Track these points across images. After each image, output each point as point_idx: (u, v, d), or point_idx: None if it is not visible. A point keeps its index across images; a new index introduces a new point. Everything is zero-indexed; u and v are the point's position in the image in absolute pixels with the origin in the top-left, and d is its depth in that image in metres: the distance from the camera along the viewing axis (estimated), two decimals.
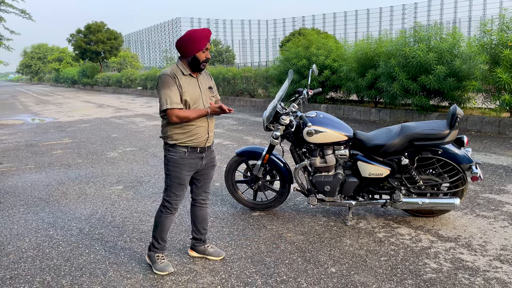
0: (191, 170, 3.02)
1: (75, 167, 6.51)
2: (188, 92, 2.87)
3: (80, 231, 3.93)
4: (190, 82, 2.91)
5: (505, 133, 7.58)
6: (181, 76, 2.87)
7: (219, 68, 20.26)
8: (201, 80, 3.00)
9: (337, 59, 11.39)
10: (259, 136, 8.62)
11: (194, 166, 3.02)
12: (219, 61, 60.99)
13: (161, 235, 3.11)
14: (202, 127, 2.96)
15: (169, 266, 3.08)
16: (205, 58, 2.90)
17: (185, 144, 2.94)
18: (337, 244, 3.42)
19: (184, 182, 3.02)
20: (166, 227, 3.10)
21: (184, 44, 2.85)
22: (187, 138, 2.93)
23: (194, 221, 3.28)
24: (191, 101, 2.88)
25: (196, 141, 2.96)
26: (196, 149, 2.99)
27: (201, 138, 2.98)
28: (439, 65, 8.15)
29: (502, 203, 4.16)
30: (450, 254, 3.17)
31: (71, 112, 15.86)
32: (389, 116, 9.91)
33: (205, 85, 3.02)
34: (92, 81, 37.40)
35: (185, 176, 3.00)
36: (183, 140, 2.93)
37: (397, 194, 3.65)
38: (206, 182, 3.22)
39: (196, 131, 2.94)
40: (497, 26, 7.83)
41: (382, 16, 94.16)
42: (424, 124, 3.63)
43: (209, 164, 3.15)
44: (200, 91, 2.95)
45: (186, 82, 2.88)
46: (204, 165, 3.10)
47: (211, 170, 3.21)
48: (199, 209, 3.25)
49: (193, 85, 2.91)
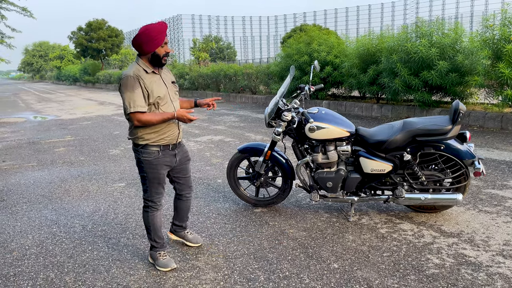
0: (167, 168, 3.02)
1: (78, 165, 6.53)
2: (157, 91, 2.82)
3: (83, 228, 3.94)
4: (155, 79, 2.86)
5: (508, 128, 7.55)
6: (145, 75, 2.81)
7: (220, 65, 20.22)
8: (164, 75, 2.97)
9: (338, 55, 11.35)
10: (261, 133, 8.62)
11: (169, 164, 3.01)
12: (221, 58, 60.91)
13: (156, 234, 3.11)
14: (173, 124, 2.94)
15: (171, 262, 3.09)
16: (165, 53, 2.85)
17: (157, 143, 2.89)
18: (339, 240, 3.42)
19: (163, 181, 3.02)
20: (157, 225, 3.09)
21: (142, 41, 2.75)
22: (158, 137, 2.89)
23: (177, 211, 3.37)
24: (163, 98, 2.85)
25: (168, 139, 2.93)
26: (168, 146, 2.96)
27: (173, 135, 2.96)
28: (441, 61, 8.12)
29: (504, 199, 4.15)
30: (452, 249, 3.17)
31: (73, 110, 15.88)
32: (391, 112, 9.88)
33: (168, 80, 2.99)
34: (93, 79, 37.42)
35: (163, 175, 3.00)
36: (154, 139, 2.88)
37: (399, 190, 3.65)
38: (187, 177, 3.24)
39: (168, 129, 2.91)
40: (499, 21, 7.79)
41: (383, 11, 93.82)
42: (426, 119, 3.62)
43: (183, 159, 3.16)
44: (166, 87, 2.92)
45: (151, 80, 2.82)
46: (178, 161, 3.09)
47: (187, 164, 3.22)
48: (185, 202, 3.33)
49: (158, 82, 2.87)
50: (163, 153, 2.93)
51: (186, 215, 3.40)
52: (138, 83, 2.75)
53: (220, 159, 6.44)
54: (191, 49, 30.52)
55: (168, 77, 3.01)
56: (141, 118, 2.74)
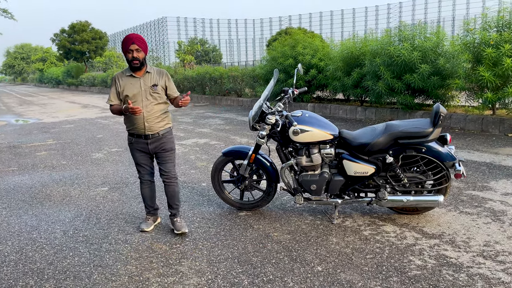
0: (143, 153, 3.72)
1: (59, 169, 6.42)
2: (127, 90, 3.53)
3: (64, 233, 3.87)
4: (131, 81, 3.55)
5: (488, 130, 7.70)
6: (123, 77, 3.58)
7: (206, 67, 20.18)
8: (146, 79, 3.58)
9: (323, 58, 11.44)
10: (246, 136, 8.62)
11: (142, 149, 3.69)
12: (206, 61, 60.75)
13: (145, 202, 3.91)
14: (138, 118, 3.56)
15: (145, 225, 3.84)
16: (131, 58, 3.46)
17: (131, 131, 3.67)
18: (323, 242, 3.44)
19: (138, 161, 3.76)
20: (144, 196, 3.88)
21: (121, 48, 3.50)
22: (129, 126, 3.65)
23: (167, 198, 3.88)
24: (131, 96, 3.51)
25: (136, 129, 3.62)
26: (141, 136, 3.63)
27: (139, 127, 3.58)
28: (423, 64, 8.25)
29: (485, 200, 4.23)
30: (434, 250, 3.21)
31: (55, 113, 15.63)
32: (375, 115, 9.99)
33: (148, 83, 3.57)
34: (77, 82, 36.91)
35: (138, 157, 3.73)
36: (128, 127, 3.68)
37: (382, 192, 3.68)
38: (164, 163, 3.75)
39: (134, 121, 3.59)
40: (480, 25, 7.96)
41: (367, 15, 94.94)
42: (408, 122, 3.67)
43: (158, 148, 3.69)
44: (140, 89, 3.54)
45: (126, 81, 3.55)
46: (152, 149, 3.68)
47: (163, 153, 3.72)
48: (166, 186, 3.82)
49: (133, 84, 3.54)
50: (136, 140, 3.68)
51: (173, 202, 3.83)
52: (115, 82, 3.59)
53: (204, 162, 6.41)
54: (176, 51, 30.40)
55: (149, 81, 3.57)
56: (110, 108, 3.66)
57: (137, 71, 3.54)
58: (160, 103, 3.61)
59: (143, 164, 3.77)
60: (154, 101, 3.57)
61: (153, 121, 3.58)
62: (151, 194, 3.89)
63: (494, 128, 7.62)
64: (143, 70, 3.56)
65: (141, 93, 3.53)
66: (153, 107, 3.57)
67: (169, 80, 3.67)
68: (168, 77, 3.68)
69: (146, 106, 3.54)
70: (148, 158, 3.77)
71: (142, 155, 3.73)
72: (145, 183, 3.84)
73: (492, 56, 7.14)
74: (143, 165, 3.77)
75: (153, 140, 3.64)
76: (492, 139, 7.09)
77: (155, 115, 3.59)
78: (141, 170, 3.80)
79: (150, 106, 3.55)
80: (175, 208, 3.84)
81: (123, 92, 3.53)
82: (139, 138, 3.64)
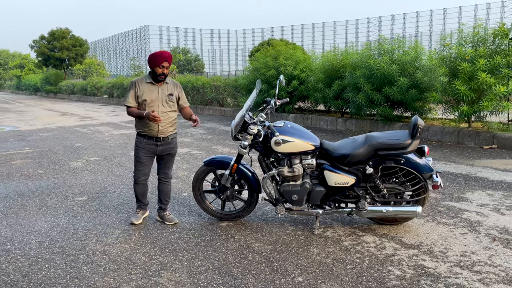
0: (148, 153, 4.07)
1: (36, 178, 6.26)
2: (146, 95, 3.93)
3: (40, 244, 3.77)
4: (150, 88, 3.97)
5: (464, 142, 7.91)
6: (143, 83, 3.98)
7: (188, 77, 20.15)
8: (163, 88, 4.02)
9: (305, 70, 11.58)
10: (228, 145, 8.60)
11: (151, 151, 4.06)
12: (188, 70, 60.61)
13: (137, 198, 4.23)
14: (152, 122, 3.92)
15: (133, 218, 4.21)
16: (160, 73, 3.90)
17: (143, 133, 4.03)
18: (304, 253, 3.44)
19: (142, 161, 4.09)
20: (137, 193, 4.20)
21: (149, 60, 3.91)
22: (142, 128, 4.02)
23: (159, 193, 4.25)
24: (149, 101, 3.93)
25: (149, 132, 3.99)
26: (152, 138, 4.02)
27: (153, 130, 3.97)
28: (402, 77, 8.44)
29: (461, 211, 4.32)
30: (413, 261, 3.26)
31: (32, 121, 15.29)
32: (355, 126, 10.13)
33: (166, 92, 4.02)
34: (55, 89, 36.23)
35: (143, 157, 4.07)
36: (141, 129, 4.04)
37: (362, 203, 3.73)
38: (166, 165, 4.21)
39: (149, 124, 3.97)
40: (456, 40, 8.21)
41: (348, 28, 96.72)
42: (387, 134, 3.74)
43: (165, 151, 4.11)
44: (158, 96, 3.97)
45: (146, 87, 3.96)
46: (160, 151, 4.07)
47: (168, 156, 4.17)
48: (162, 185, 4.23)
49: (152, 90, 3.97)
50: (146, 141, 4.04)
51: (165, 198, 4.23)
52: (134, 86, 3.97)
53: (186, 172, 6.36)
54: None
55: (166, 90, 4.03)
56: (127, 110, 4.01)
57: (160, 82, 4.00)
58: (173, 110, 4.08)
59: (145, 163, 4.11)
60: (168, 108, 4.02)
61: (166, 125, 4.02)
62: (144, 191, 4.23)
63: (469, 140, 7.83)
64: (163, 81, 4.02)
65: (158, 100, 3.97)
66: (168, 113, 4.02)
67: (182, 92, 4.17)
68: (181, 89, 4.19)
69: (162, 112, 3.98)
70: (151, 158, 4.14)
71: (147, 155, 4.09)
72: (139, 183, 4.16)
73: (468, 70, 7.37)
74: (145, 164, 4.11)
75: (163, 143, 4.06)
76: (468, 151, 7.28)
77: (168, 120, 4.03)
78: (142, 169, 4.11)
79: (165, 112, 4.00)
80: (165, 203, 4.25)
81: (142, 97, 3.93)
82: (150, 140, 4.03)
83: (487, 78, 7.14)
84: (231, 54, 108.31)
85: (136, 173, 4.13)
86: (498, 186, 5.12)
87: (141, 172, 4.12)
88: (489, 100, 7.27)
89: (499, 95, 7.33)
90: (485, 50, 7.62)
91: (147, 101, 3.91)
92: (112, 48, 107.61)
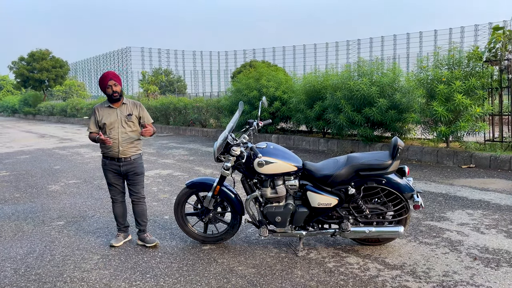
0: (115, 174, 4.15)
1: (12, 202, 6.07)
2: (105, 118, 4.05)
3: (15, 272, 3.62)
4: (109, 111, 4.08)
5: (443, 162, 8.06)
6: (103, 108, 4.11)
7: (170, 98, 20.10)
8: (122, 109, 4.12)
9: (286, 91, 11.72)
10: (210, 167, 8.55)
11: (116, 171, 4.13)
12: (171, 91, 60.55)
13: (117, 220, 4.25)
14: (113, 143, 4.02)
15: (113, 240, 4.19)
16: (110, 92, 4.00)
17: (105, 154, 4.12)
18: (288, 276, 3.40)
19: (111, 182, 4.18)
20: (116, 214, 4.24)
21: (99, 85, 4.06)
22: (104, 150, 4.10)
23: (134, 215, 4.26)
24: (108, 124, 4.03)
25: (110, 153, 4.07)
26: (114, 159, 4.09)
27: (114, 151, 4.05)
28: (381, 98, 8.62)
29: (442, 230, 4.37)
30: (396, 282, 3.25)
31: (9, 143, 14.93)
32: (337, 146, 10.24)
33: (124, 112, 4.10)
34: (34, 110, 35.59)
35: (111, 177, 4.16)
36: (103, 151, 4.13)
37: (345, 224, 3.73)
38: (134, 185, 4.20)
39: (108, 146, 4.03)
40: (432, 63, 8.47)
41: (328, 50, 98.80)
42: (368, 154, 3.78)
43: (129, 171, 4.14)
44: (117, 118, 4.07)
45: (105, 111, 4.08)
46: (124, 171, 4.12)
47: (134, 176, 4.17)
48: (135, 206, 4.23)
49: (110, 113, 4.07)
50: (109, 162, 4.12)
51: (142, 219, 4.22)
52: (94, 113, 4.09)
53: (167, 194, 6.27)
54: (140, 81, 30.13)
55: (125, 110, 4.11)
56: (89, 136, 4.12)
57: (115, 102, 4.08)
58: (133, 131, 4.12)
59: (115, 184, 4.19)
60: (128, 128, 4.09)
61: (126, 146, 4.08)
62: (122, 212, 4.26)
63: (448, 160, 7.99)
64: (120, 102, 4.10)
65: (117, 121, 4.05)
66: (128, 133, 4.08)
67: (143, 110, 4.21)
68: (142, 108, 4.22)
69: (121, 132, 4.05)
70: (119, 179, 4.20)
71: (115, 176, 4.16)
72: (116, 202, 4.23)
73: (444, 92, 7.58)
74: (115, 185, 4.19)
75: (125, 163, 4.10)
76: (447, 170, 7.42)
77: (129, 141, 4.08)
78: (113, 189, 4.21)
79: (125, 133, 4.06)
80: (143, 225, 4.22)
81: (102, 120, 4.03)
82: (112, 161, 4.09)
83: (463, 100, 7.36)
84: (214, 75, 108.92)
85: (111, 193, 4.24)
86: (477, 205, 5.21)
87: (114, 191, 4.22)
88: (465, 121, 7.47)
89: (475, 115, 7.55)
90: (461, 72, 7.88)
91: (107, 124, 4.02)
92: (93, 69, 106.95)
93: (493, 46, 8.22)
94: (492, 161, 7.42)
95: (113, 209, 4.27)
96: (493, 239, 4.05)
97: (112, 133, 4.04)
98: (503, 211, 4.94)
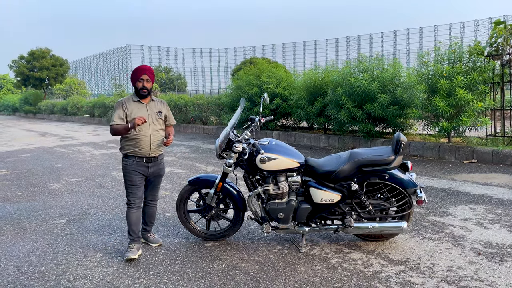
0: (141, 175, 3.84)
1: (14, 201, 6.07)
2: (135, 113, 3.77)
3: (18, 270, 3.62)
4: (138, 106, 3.83)
5: (445, 157, 8.04)
6: (130, 102, 3.83)
7: (170, 95, 20.08)
8: (151, 105, 3.89)
9: (287, 88, 11.69)
10: (212, 164, 8.55)
11: (143, 173, 3.84)
12: (171, 89, 60.53)
13: (131, 228, 3.82)
14: (145, 141, 3.78)
15: (130, 253, 3.71)
16: (140, 87, 3.77)
17: (132, 153, 3.78)
18: (291, 272, 3.40)
19: (136, 184, 3.81)
20: (131, 221, 3.81)
21: (131, 77, 3.82)
22: (132, 149, 3.77)
23: (144, 216, 4.03)
24: None
25: (140, 152, 3.78)
26: (143, 159, 3.81)
27: (145, 149, 3.78)
28: (382, 94, 8.59)
29: (445, 225, 4.36)
30: (400, 277, 3.25)
31: (10, 142, 14.93)
32: (338, 142, 10.22)
33: (154, 109, 3.88)
34: (35, 109, 35.60)
35: (135, 179, 3.80)
36: (129, 150, 3.79)
37: (348, 219, 3.72)
38: (154, 187, 4.02)
39: (140, 144, 3.76)
40: (433, 58, 8.44)
41: (328, 47, 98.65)
42: (371, 150, 3.77)
43: (155, 173, 3.93)
44: (147, 114, 3.82)
45: (134, 106, 3.81)
46: (150, 173, 3.88)
47: (157, 178, 3.99)
48: (148, 207, 4.04)
49: (140, 108, 3.82)
50: (137, 163, 3.80)
51: (150, 221, 4.08)
52: (122, 105, 3.79)
53: (169, 192, 6.27)
54: None
55: (154, 107, 3.90)
56: (112, 127, 3.73)
57: (144, 98, 3.84)
58: (162, 129, 3.94)
59: (139, 185, 3.85)
60: (159, 126, 3.89)
61: (157, 144, 3.86)
62: (138, 219, 3.88)
63: (450, 155, 7.97)
64: (148, 98, 3.89)
65: (148, 117, 3.81)
66: (158, 131, 3.88)
67: (168, 110, 4.04)
68: (168, 107, 4.05)
69: (153, 130, 3.82)
70: (143, 180, 3.90)
71: (140, 178, 3.85)
72: (133, 208, 3.83)
73: (446, 87, 7.56)
74: (139, 186, 3.85)
75: (153, 164, 3.88)
76: (449, 165, 7.40)
77: (159, 139, 3.88)
78: (135, 193, 3.83)
79: (156, 131, 3.85)
80: (150, 226, 4.11)
81: (131, 115, 3.75)
82: (140, 161, 3.80)
83: (464, 94, 7.34)
84: (214, 72, 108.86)
85: (132, 197, 3.82)
86: (480, 200, 5.20)
87: (135, 195, 3.82)
88: (467, 116, 7.45)
89: (477, 110, 7.52)
90: (462, 67, 7.85)
91: None
92: (93, 68, 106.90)
93: (495, 41, 8.19)
94: (494, 156, 7.40)
95: (128, 215, 3.82)
96: (496, 234, 4.04)
97: (143, 130, 3.76)
98: (506, 205, 4.93)
